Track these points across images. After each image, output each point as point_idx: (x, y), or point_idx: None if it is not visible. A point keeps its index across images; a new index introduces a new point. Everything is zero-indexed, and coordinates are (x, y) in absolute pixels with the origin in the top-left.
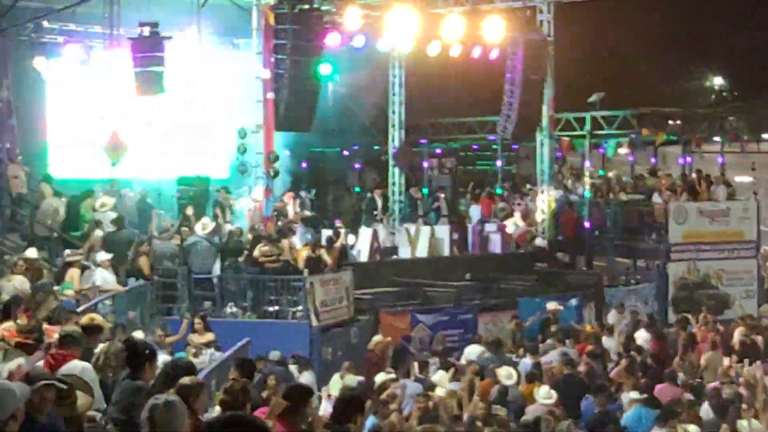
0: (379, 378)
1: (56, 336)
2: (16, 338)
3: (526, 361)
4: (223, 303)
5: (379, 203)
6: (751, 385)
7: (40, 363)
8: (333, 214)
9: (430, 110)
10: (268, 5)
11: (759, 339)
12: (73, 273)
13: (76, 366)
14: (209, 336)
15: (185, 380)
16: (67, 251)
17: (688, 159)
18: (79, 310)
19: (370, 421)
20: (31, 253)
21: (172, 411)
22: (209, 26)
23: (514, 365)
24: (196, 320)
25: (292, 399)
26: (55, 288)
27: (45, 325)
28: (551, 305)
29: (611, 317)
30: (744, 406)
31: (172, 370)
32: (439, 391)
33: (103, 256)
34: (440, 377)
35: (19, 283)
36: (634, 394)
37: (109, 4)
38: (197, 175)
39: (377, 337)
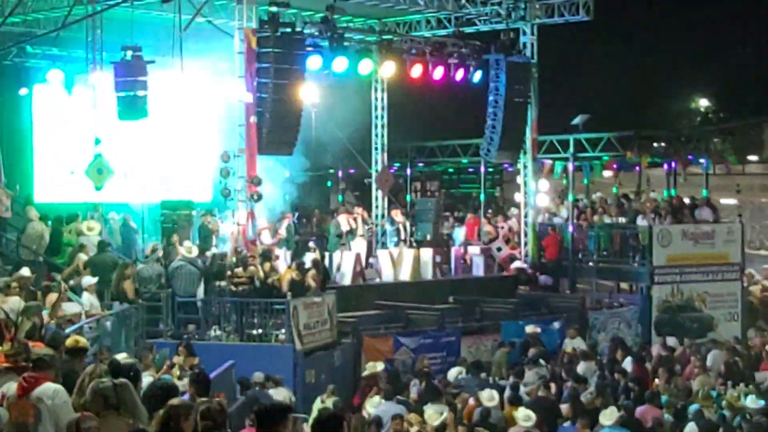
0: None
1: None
2: (5, 363)
3: (504, 384)
4: (207, 326)
5: (344, 227)
6: (734, 407)
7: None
8: (317, 237)
9: (413, 133)
10: (251, 29)
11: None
12: (50, 298)
13: (48, 388)
14: (193, 360)
15: (175, 401)
16: (58, 276)
17: (673, 181)
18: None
19: None
20: (25, 272)
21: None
22: (192, 50)
23: (500, 388)
24: (180, 348)
25: (261, 420)
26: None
27: (31, 344)
28: (529, 328)
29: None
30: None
31: (155, 391)
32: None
33: (88, 280)
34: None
35: (14, 304)
36: (609, 416)
37: (92, 29)
38: (181, 199)
39: (371, 365)
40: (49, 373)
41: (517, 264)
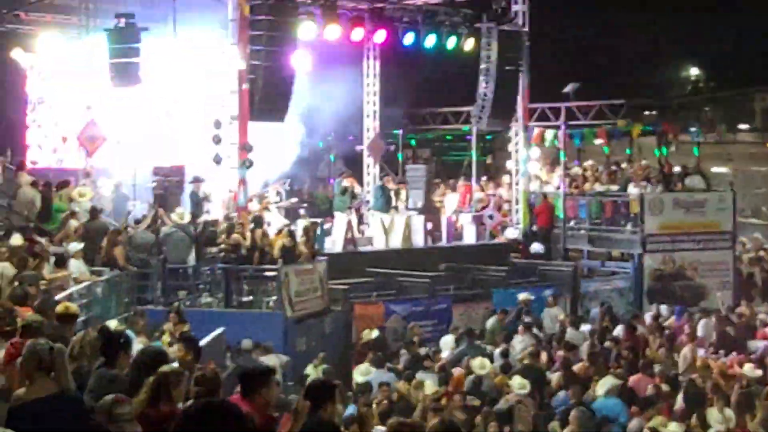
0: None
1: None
2: None
3: (495, 352)
4: (198, 293)
5: (349, 189)
6: (726, 376)
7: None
8: (308, 204)
9: (405, 101)
10: None
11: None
12: (41, 264)
13: None
14: (184, 327)
15: (165, 368)
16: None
17: (664, 149)
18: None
19: (350, 410)
20: (16, 240)
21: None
22: (185, 17)
23: (490, 356)
24: (171, 314)
25: (246, 383)
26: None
27: (20, 309)
28: (522, 296)
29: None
30: (715, 397)
31: (144, 358)
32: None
33: (75, 246)
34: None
35: (3, 269)
36: (605, 385)
37: None
38: (172, 166)
39: (367, 332)
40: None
41: (510, 234)
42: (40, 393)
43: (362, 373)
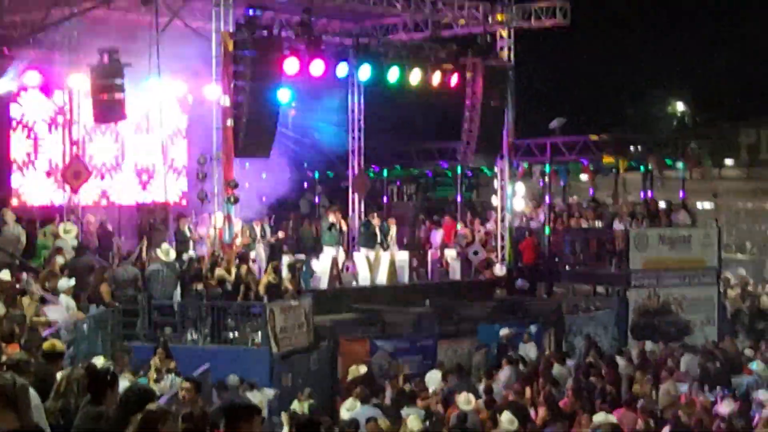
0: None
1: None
2: None
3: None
4: (184, 329)
5: (376, 225)
6: (707, 411)
7: None
8: (294, 240)
9: (390, 136)
10: (228, 32)
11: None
12: (26, 300)
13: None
14: (171, 363)
15: (152, 407)
16: (25, 276)
17: (649, 185)
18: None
19: None
20: (4, 275)
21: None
22: (169, 53)
23: (476, 392)
24: (158, 350)
25: (229, 417)
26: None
27: (5, 347)
28: (504, 331)
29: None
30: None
31: (132, 396)
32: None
33: (65, 282)
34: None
35: None
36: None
37: (68, 31)
38: (156, 202)
39: (354, 368)
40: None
41: (498, 270)
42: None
43: (348, 408)
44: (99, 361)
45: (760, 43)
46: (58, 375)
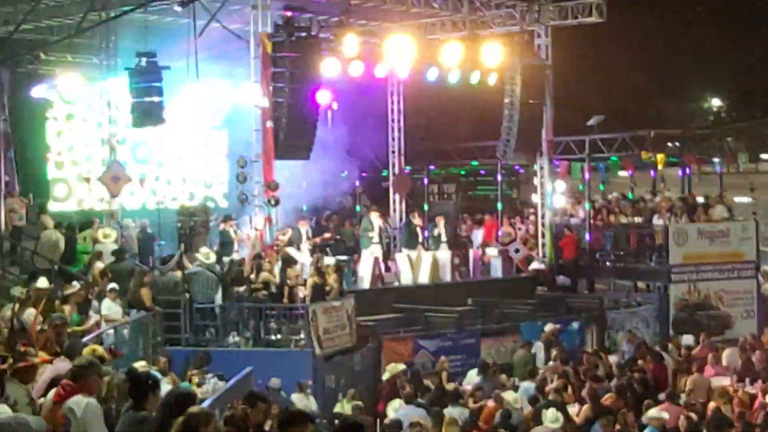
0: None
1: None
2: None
3: (526, 385)
4: (226, 332)
5: (376, 225)
6: (746, 404)
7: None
8: (335, 241)
9: (430, 136)
10: (266, 33)
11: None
12: (65, 309)
13: (81, 401)
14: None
15: (194, 409)
16: (75, 283)
17: (687, 181)
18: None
19: None
20: (42, 283)
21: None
22: (207, 55)
23: (515, 389)
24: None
25: (282, 424)
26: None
27: (41, 354)
28: (549, 327)
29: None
30: (738, 425)
31: (172, 399)
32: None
33: (110, 286)
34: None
35: (29, 315)
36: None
37: (105, 35)
38: (197, 205)
39: (391, 366)
40: (90, 384)
41: (534, 265)
42: None
43: (395, 409)
44: (140, 366)
45: None
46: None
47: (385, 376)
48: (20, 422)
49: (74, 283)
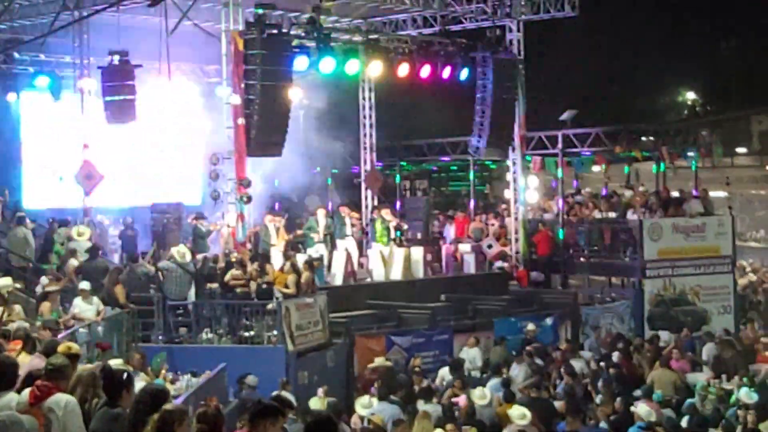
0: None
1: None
2: None
3: (495, 381)
4: (199, 329)
5: (321, 223)
6: (723, 399)
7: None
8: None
9: (402, 132)
10: (237, 31)
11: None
12: (44, 306)
13: (60, 399)
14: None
15: (168, 407)
16: (44, 279)
17: (661, 175)
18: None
19: None
20: (4, 281)
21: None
22: (179, 53)
23: (482, 385)
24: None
25: (254, 416)
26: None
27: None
28: (530, 326)
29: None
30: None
31: (146, 396)
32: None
33: (82, 284)
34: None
35: None
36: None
37: (78, 34)
38: (171, 202)
39: (380, 360)
40: (62, 383)
41: (498, 264)
42: None
43: (364, 405)
44: (114, 363)
45: None
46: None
47: (371, 366)
48: (14, 421)
49: (42, 279)
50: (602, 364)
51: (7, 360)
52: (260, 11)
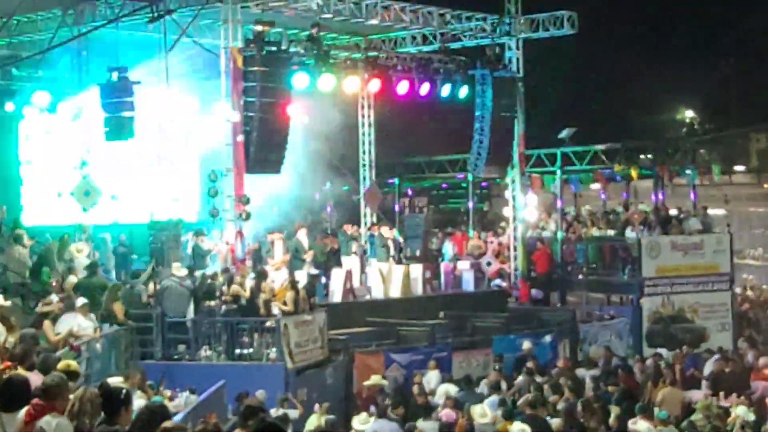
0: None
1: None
2: None
3: (493, 399)
4: (198, 346)
5: (305, 243)
6: (722, 417)
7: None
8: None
9: (401, 149)
10: (237, 48)
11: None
12: (46, 325)
13: (50, 422)
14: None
15: (167, 424)
16: (54, 297)
17: (660, 193)
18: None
19: None
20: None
21: None
22: (178, 70)
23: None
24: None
25: None
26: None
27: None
28: (526, 344)
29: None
30: None
31: (146, 414)
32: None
33: (79, 301)
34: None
35: None
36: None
37: (77, 50)
38: (169, 219)
39: (376, 377)
40: (60, 403)
41: (497, 282)
42: None
43: (361, 422)
44: (113, 381)
45: None
46: (71, 396)
47: (367, 383)
48: None
49: (52, 297)
50: (601, 382)
51: (17, 379)
52: (260, 28)
